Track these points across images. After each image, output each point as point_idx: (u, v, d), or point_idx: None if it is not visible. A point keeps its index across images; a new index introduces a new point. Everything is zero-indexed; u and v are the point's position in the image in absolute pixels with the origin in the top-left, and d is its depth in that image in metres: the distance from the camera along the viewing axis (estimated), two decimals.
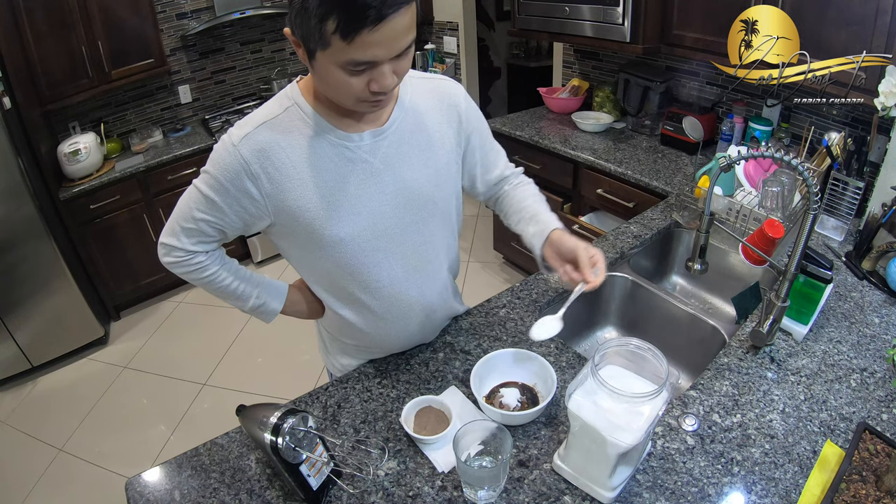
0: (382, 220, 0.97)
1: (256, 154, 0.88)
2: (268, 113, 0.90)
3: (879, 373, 1.11)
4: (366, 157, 0.93)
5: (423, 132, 0.99)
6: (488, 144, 1.13)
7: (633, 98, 2.53)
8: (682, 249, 1.77)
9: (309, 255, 1.00)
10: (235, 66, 3.57)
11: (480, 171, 1.14)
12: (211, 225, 0.95)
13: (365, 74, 0.77)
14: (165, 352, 2.86)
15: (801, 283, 1.15)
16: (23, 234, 2.48)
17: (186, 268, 1.01)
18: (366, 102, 0.83)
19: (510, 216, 1.17)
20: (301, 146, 0.90)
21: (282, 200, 0.91)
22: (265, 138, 0.88)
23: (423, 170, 0.99)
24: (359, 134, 0.92)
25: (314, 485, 0.87)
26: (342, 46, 0.72)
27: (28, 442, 2.35)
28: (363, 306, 1.06)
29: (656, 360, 0.79)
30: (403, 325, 1.12)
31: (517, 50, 5.18)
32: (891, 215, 1.40)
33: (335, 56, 0.74)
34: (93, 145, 2.81)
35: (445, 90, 1.03)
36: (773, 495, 0.88)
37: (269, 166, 0.89)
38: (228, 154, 0.88)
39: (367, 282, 1.02)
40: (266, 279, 1.10)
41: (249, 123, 0.90)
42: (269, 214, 0.93)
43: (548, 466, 0.93)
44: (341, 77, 0.77)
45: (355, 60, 0.74)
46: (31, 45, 2.53)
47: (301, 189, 0.91)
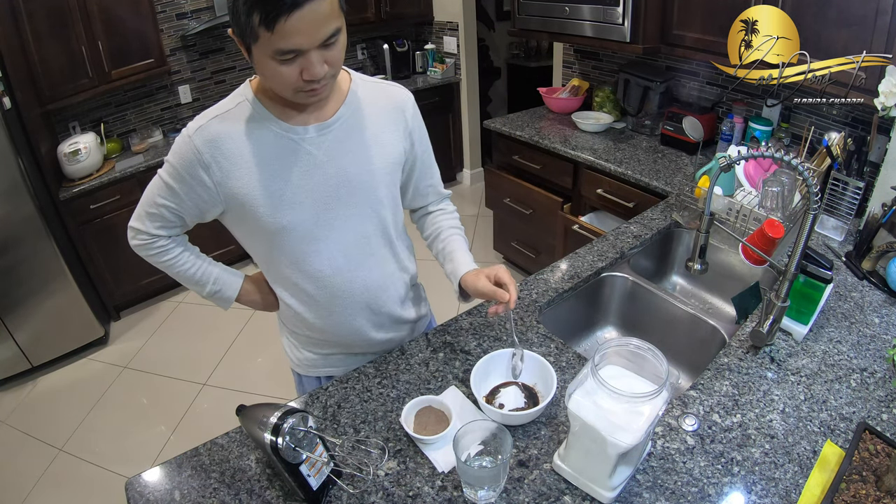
0: (324, 210, 1.03)
1: (208, 144, 0.94)
2: (221, 107, 0.98)
3: (879, 373, 1.11)
4: (310, 148, 0.99)
5: (367, 130, 1.04)
6: (428, 155, 1.19)
7: (633, 98, 2.53)
8: (682, 249, 1.77)
9: (258, 244, 1.07)
10: (235, 66, 3.57)
11: (417, 177, 1.19)
12: (171, 210, 1.02)
13: (295, 63, 0.83)
14: (165, 352, 2.86)
15: (801, 283, 1.15)
16: (23, 234, 2.48)
17: (149, 251, 1.08)
18: (302, 92, 0.88)
19: (432, 244, 1.25)
20: (248, 137, 0.96)
21: (230, 188, 0.97)
22: (216, 130, 0.95)
23: (366, 166, 1.04)
24: (304, 127, 0.98)
25: (314, 485, 0.87)
26: (268, 37, 0.78)
27: (28, 442, 2.35)
28: (308, 296, 1.11)
29: (656, 360, 0.79)
30: (348, 317, 1.15)
31: (517, 50, 5.18)
32: (891, 215, 1.40)
33: (264, 47, 0.80)
34: (93, 145, 2.80)
35: (395, 95, 1.09)
36: (773, 495, 0.88)
37: (218, 155, 0.95)
38: (184, 144, 0.96)
39: (310, 270, 1.07)
40: (223, 269, 1.17)
41: (204, 117, 0.97)
42: (220, 202, 1.00)
43: (548, 466, 0.93)
44: (275, 68, 0.83)
45: (280, 49, 0.79)
46: (31, 45, 2.53)
47: (248, 177, 0.97)
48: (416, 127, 1.12)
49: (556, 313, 1.42)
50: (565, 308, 1.45)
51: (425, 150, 1.17)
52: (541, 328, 1.28)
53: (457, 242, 1.19)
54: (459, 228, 1.24)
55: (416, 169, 1.17)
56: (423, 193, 1.22)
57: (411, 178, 1.18)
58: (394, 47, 3.97)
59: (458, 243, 1.19)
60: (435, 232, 1.23)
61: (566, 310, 1.46)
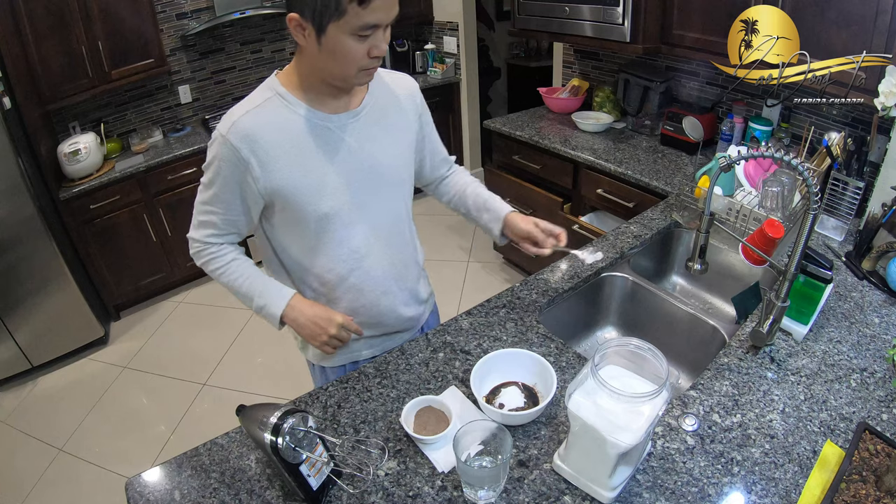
0: (359, 194, 1.08)
1: (244, 139, 0.96)
2: (250, 103, 0.99)
3: (879, 373, 1.11)
4: (343, 135, 1.04)
5: (389, 117, 1.12)
6: (434, 132, 1.29)
7: (633, 98, 2.53)
8: (682, 249, 1.77)
9: (296, 235, 1.10)
10: (235, 66, 3.57)
11: (429, 154, 1.29)
12: (218, 216, 1.06)
13: (368, 41, 0.90)
14: (165, 352, 2.86)
15: (801, 283, 1.15)
16: (23, 234, 2.48)
17: (201, 258, 1.12)
18: (363, 71, 0.95)
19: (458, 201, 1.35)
20: (285, 129, 0.99)
21: (272, 181, 0.99)
22: (250, 124, 0.97)
23: (391, 150, 1.12)
24: (337, 115, 1.03)
25: (314, 485, 0.87)
26: (356, 12, 0.85)
27: (28, 442, 2.36)
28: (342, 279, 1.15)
29: (656, 360, 0.79)
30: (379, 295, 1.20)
31: (517, 50, 5.18)
32: (891, 215, 1.40)
33: (347, 24, 0.86)
34: (93, 145, 2.80)
35: (406, 84, 1.18)
36: (773, 495, 0.88)
37: (257, 149, 0.97)
38: (219, 145, 0.97)
39: (347, 254, 1.12)
40: (273, 284, 1.13)
41: (234, 114, 0.98)
42: (262, 196, 1.02)
43: (548, 466, 0.93)
44: (350, 45, 0.89)
45: (366, 23, 0.87)
46: (31, 45, 2.53)
47: (288, 168, 0.99)
48: (424, 110, 1.22)
49: (556, 313, 1.42)
50: (565, 308, 1.45)
51: (432, 128, 1.27)
52: (541, 328, 1.28)
53: (486, 193, 1.32)
54: (478, 182, 1.36)
55: (426, 146, 1.26)
56: (437, 165, 1.33)
57: (425, 155, 1.27)
58: (394, 47, 3.97)
59: (488, 193, 1.32)
60: (459, 191, 1.34)
61: (566, 310, 1.46)
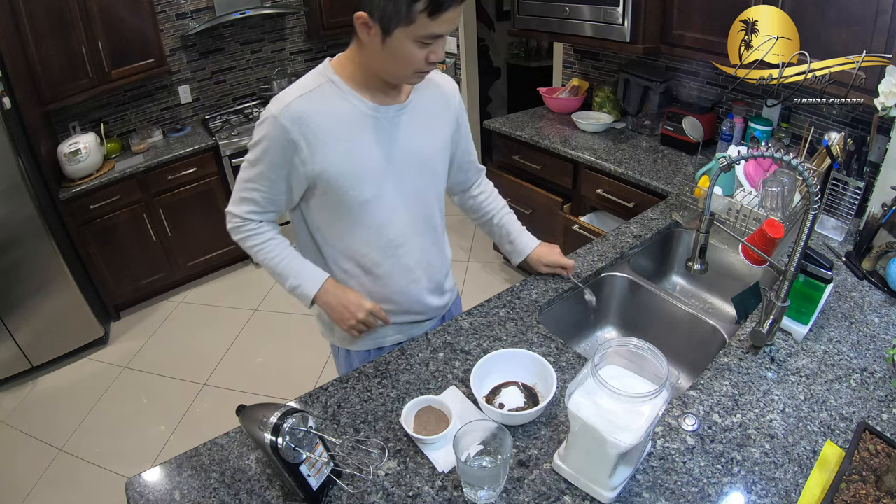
0: (400, 184, 1.13)
1: (295, 121, 1.00)
2: (304, 87, 1.04)
3: (879, 373, 1.11)
4: (390, 127, 1.09)
5: (431, 113, 1.17)
6: (469, 134, 1.34)
7: (633, 98, 2.53)
8: (682, 249, 1.77)
9: (336, 219, 1.13)
10: (235, 66, 3.57)
11: (460, 154, 1.32)
12: (261, 194, 1.10)
13: (429, 48, 0.96)
14: (165, 352, 2.85)
15: (801, 283, 1.15)
16: (23, 234, 2.48)
17: (238, 234, 1.16)
18: (417, 73, 1.01)
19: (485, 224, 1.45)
20: (335, 115, 1.04)
21: (319, 163, 1.04)
22: (302, 107, 1.01)
23: (432, 143, 1.18)
24: (385, 107, 1.08)
25: (314, 485, 0.87)
26: (426, 22, 0.91)
27: (28, 442, 2.35)
28: (375, 264, 1.19)
29: (656, 360, 0.79)
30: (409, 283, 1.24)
31: (517, 50, 5.17)
32: (891, 215, 1.40)
33: (416, 31, 0.92)
34: (93, 145, 2.80)
35: (446, 83, 1.24)
36: (773, 495, 0.88)
37: (307, 132, 1.01)
38: (270, 125, 1.01)
39: (383, 241, 1.16)
40: (308, 265, 1.19)
41: (288, 96, 1.02)
42: (307, 178, 1.06)
43: (548, 466, 0.93)
44: (412, 50, 0.95)
45: (433, 34, 0.93)
46: (31, 45, 2.53)
47: (335, 153, 1.04)
48: (461, 111, 1.27)
49: (556, 313, 1.42)
50: (565, 308, 1.45)
51: (467, 130, 1.32)
52: (541, 328, 1.28)
53: (512, 225, 1.42)
54: (507, 207, 1.45)
55: (459, 146, 1.30)
56: (464, 168, 1.36)
57: (455, 154, 1.30)
58: None
59: (514, 226, 1.43)
60: (488, 214, 1.42)
61: (566, 310, 1.46)
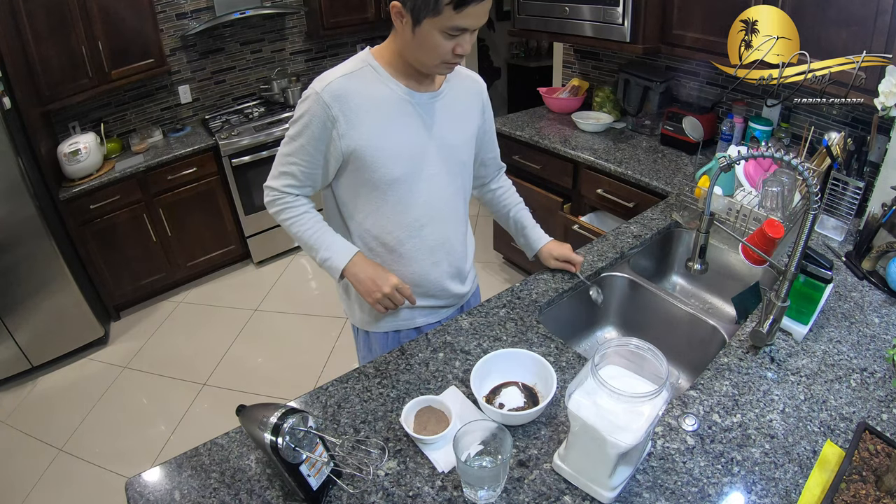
0: (428, 167, 1.19)
1: (336, 98, 1.08)
2: (346, 69, 1.11)
3: (879, 373, 1.11)
4: (421, 112, 1.16)
5: (461, 105, 1.24)
6: (493, 131, 1.40)
7: (633, 98, 2.53)
8: (682, 249, 1.77)
9: (365, 195, 1.19)
10: (235, 66, 3.57)
11: (484, 149, 1.38)
12: (299, 168, 1.16)
13: (455, 40, 1.00)
14: (165, 352, 2.85)
15: (801, 283, 1.15)
16: (23, 234, 2.48)
17: (274, 206, 1.22)
18: (445, 64, 1.06)
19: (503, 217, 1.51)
20: (373, 96, 1.11)
21: (354, 140, 1.10)
22: (343, 86, 1.08)
23: (460, 134, 1.24)
24: (421, 94, 1.15)
25: (314, 485, 0.87)
26: (451, 15, 0.95)
27: (28, 442, 2.35)
28: (399, 242, 1.23)
29: (656, 360, 0.79)
30: (431, 266, 1.29)
31: (517, 50, 5.18)
32: (891, 215, 1.40)
33: (442, 22, 0.96)
34: (93, 145, 2.80)
35: (476, 79, 1.31)
36: (773, 495, 0.88)
37: (346, 109, 1.08)
38: (312, 101, 1.08)
39: (408, 220, 1.21)
40: (339, 239, 1.23)
41: (330, 75, 1.10)
42: (343, 153, 1.12)
43: (548, 466, 0.93)
44: (439, 41, 1.00)
45: (457, 26, 0.97)
46: (31, 45, 2.53)
47: (370, 131, 1.11)
48: (487, 106, 1.33)
49: (556, 313, 1.42)
50: (565, 308, 1.45)
51: (492, 127, 1.38)
52: (541, 328, 1.28)
53: (526, 220, 1.46)
54: (522, 203, 1.49)
55: (484, 141, 1.36)
56: (486, 164, 1.42)
57: (480, 149, 1.35)
58: None
59: (528, 221, 1.47)
60: (504, 213, 1.48)
61: (566, 310, 1.46)
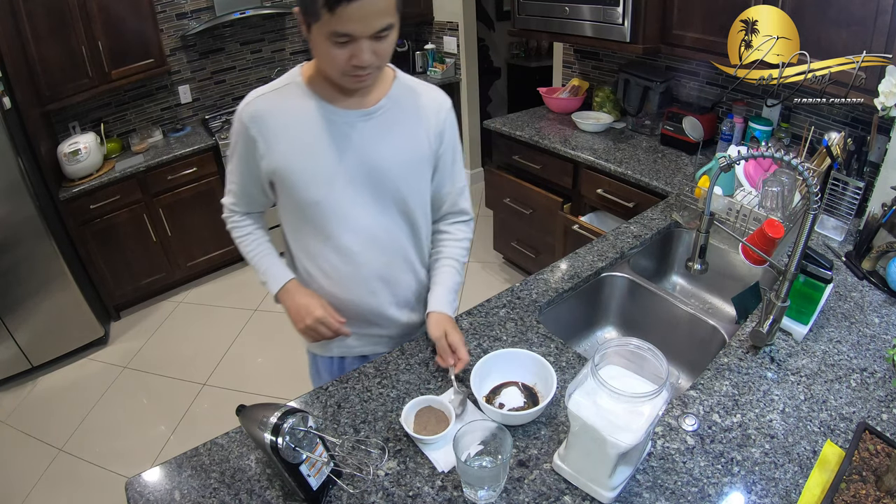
0: (354, 191, 1.09)
1: (253, 119, 1.04)
2: (270, 86, 1.07)
3: (879, 373, 1.11)
4: (349, 131, 1.06)
5: (403, 125, 1.10)
6: (453, 162, 1.20)
7: (633, 98, 2.53)
8: (682, 249, 1.77)
9: (292, 215, 1.14)
10: (235, 66, 3.57)
11: (437, 181, 1.20)
12: (236, 185, 1.15)
13: (347, 48, 0.90)
14: (165, 352, 2.86)
15: (801, 283, 1.15)
16: (23, 234, 2.48)
17: (228, 224, 1.21)
18: (348, 76, 0.95)
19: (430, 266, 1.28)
20: (292, 114, 1.04)
21: (274, 161, 1.05)
22: (262, 106, 1.04)
23: (397, 157, 1.10)
24: (347, 111, 1.05)
25: (314, 485, 0.87)
26: (328, 18, 0.85)
27: (28, 442, 2.35)
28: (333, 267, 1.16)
29: (656, 360, 0.79)
30: (368, 293, 1.19)
31: (517, 50, 5.17)
32: (891, 215, 1.40)
33: (323, 27, 0.87)
34: (93, 145, 2.80)
35: (434, 97, 1.15)
36: (773, 495, 0.88)
37: (264, 129, 1.04)
38: (236, 121, 1.07)
39: (336, 245, 1.13)
40: (278, 265, 1.20)
41: (252, 95, 1.06)
42: (266, 173, 1.08)
43: (548, 466, 0.93)
44: (328, 48, 0.90)
45: (337, 31, 0.87)
46: (31, 45, 2.53)
47: (288, 152, 1.05)
48: (447, 129, 1.15)
49: (556, 313, 1.42)
50: (565, 308, 1.45)
51: (452, 156, 1.19)
52: (541, 328, 1.28)
53: (443, 275, 1.23)
54: (456, 260, 1.25)
55: (438, 170, 1.18)
56: (441, 198, 1.23)
57: (433, 179, 1.19)
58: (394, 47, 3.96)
59: (444, 276, 1.23)
60: (434, 256, 1.27)
61: (566, 310, 1.46)
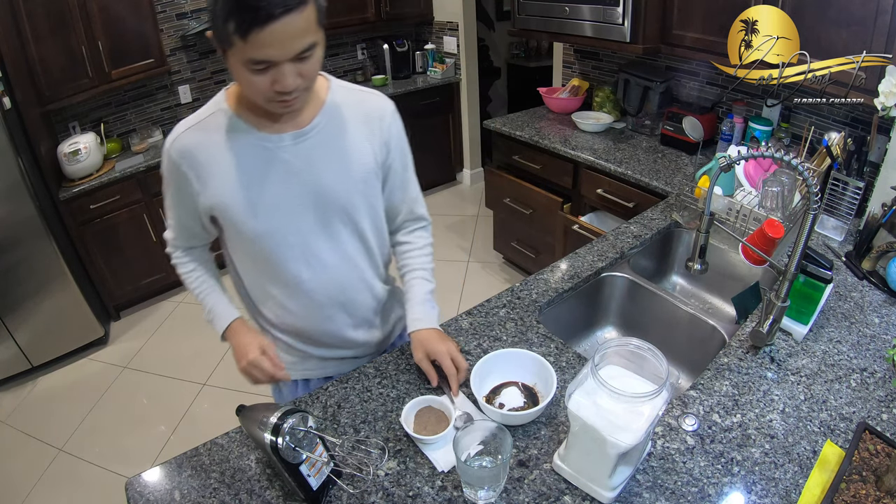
0: (301, 217, 1.02)
1: (183, 155, 0.96)
2: (195, 118, 0.98)
3: (879, 373, 1.11)
4: (285, 156, 0.98)
5: (344, 139, 1.02)
6: (404, 168, 1.14)
7: (633, 98, 2.53)
8: (682, 249, 1.77)
9: (238, 249, 1.08)
10: None
11: (389, 190, 1.14)
12: (175, 220, 1.08)
13: (268, 74, 0.83)
14: (165, 352, 2.86)
15: (801, 283, 1.15)
16: (23, 234, 2.48)
17: (172, 260, 1.15)
18: (274, 102, 0.88)
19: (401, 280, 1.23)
20: (223, 145, 0.96)
21: (210, 196, 0.98)
22: (190, 140, 0.96)
23: (342, 174, 1.03)
24: (279, 135, 0.97)
25: (314, 485, 0.87)
26: (241, 45, 0.78)
27: (28, 442, 2.35)
28: (287, 297, 1.10)
29: (656, 360, 0.79)
30: (325, 318, 1.14)
31: (517, 50, 5.18)
32: (891, 215, 1.40)
33: (238, 55, 0.81)
34: (93, 145, 2.80)
35: (374, 104, 1.07)
36: (773, 495, 0.88)
37: (195, 164, 0.97)
38: (165, 158, 0.99)
39: (287, 275, 1.06)
40: (223, 303, 1.14)
41: (178, 129, 0.98)
42: (205, 209, 1.01)
43: (548, 466, 0.93)
44: (247, 76, 0.83)
45: (253, 59, 0.80)
46: (31, 45, 2.53)
47: (223, 185, 0.97)
48: (393, 136, 1.09)
49: (556, 313, 1.42)
50: (565, 308, 1.45)
51: (402, 163, 1.13)
52: (541, 328, 1.28)
53: (413, 290, 1.17)
54: (424, 269, 1.20)
55: (388, 180, 1.12)
56: (395, 208, 1.17)
57: (383, 190, 1.13)
58: (394, 47, 3.97)
59: (414, 291, 1.17)
60: (401, 269, 1.22)
61: (566, 310, 1.46)
